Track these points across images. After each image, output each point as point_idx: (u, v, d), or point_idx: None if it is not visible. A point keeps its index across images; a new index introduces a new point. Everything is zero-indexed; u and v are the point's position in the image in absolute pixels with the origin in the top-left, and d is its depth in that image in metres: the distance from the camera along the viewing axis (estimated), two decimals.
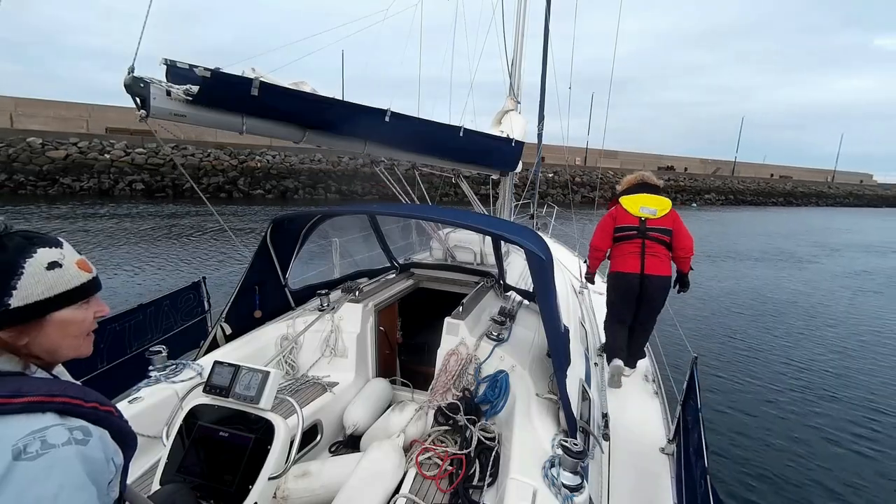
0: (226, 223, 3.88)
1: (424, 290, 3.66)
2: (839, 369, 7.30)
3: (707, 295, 10.36)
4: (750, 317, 9.08)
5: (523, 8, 5.28)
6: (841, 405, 6.17)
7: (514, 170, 4.97)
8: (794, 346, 8.01)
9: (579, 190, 32.40)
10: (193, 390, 1.71)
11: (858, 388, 6.79)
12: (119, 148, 23.10)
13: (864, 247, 20.51)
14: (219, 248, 12.40)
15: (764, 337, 8.10)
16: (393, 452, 1.93)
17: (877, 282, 13.01)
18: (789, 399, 6.24)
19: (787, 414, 5.82)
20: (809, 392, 6.49)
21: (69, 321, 0.86)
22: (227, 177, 24.33)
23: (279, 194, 25.24)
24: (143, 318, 3.04)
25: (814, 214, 41.24)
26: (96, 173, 21.90)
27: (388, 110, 2.90)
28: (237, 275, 2.77)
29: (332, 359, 2.72)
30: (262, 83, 2.22)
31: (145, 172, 22.81)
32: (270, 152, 26.63)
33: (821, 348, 8.02)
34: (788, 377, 6.91)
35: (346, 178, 26.83)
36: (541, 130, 6.70)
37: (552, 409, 1.93)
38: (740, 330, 8.44)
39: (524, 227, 2.63)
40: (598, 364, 3.25)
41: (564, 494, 1.44)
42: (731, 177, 53.00)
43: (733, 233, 23.33)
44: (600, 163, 22.57)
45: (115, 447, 0.84)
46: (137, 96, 1.91)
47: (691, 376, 2.29)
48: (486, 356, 2.40)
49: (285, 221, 2.75)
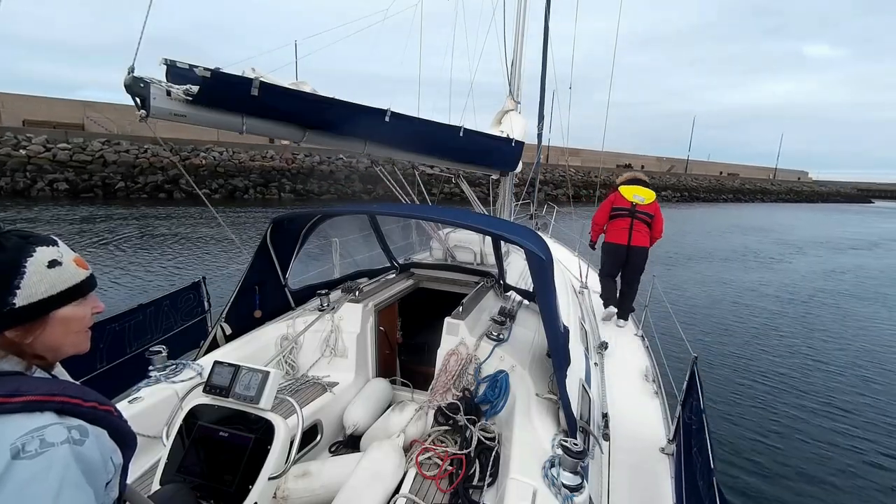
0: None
1: (424, 290, 3.66)
2: (835, 368, 7.30)
3: (694, 303, 10.35)
4: (738, 322, 9.10)
5: (523, 8, 5.28)
6: (841, 405, 6.17)
7: (515, 170, 4.97)
8: (788, 354, 8.03)
9: (542, 188, 32.08)
10: (193, 390, 1.71)
11: (856, 387, 6.79)
12: (38, 143, 20.71)
13: (822, 243, 21.80)
14: (168, 256, 11.27)
15: (756, 346, 8.13)
16: (393, 452, 1.93)
17: (849, 282, 13.44)
18: (787, 399, 6.25)
19: (787, 413, 5.82)
20: (807, 393, 6.50)
21: (71, 318, 0.87)
22: (167, 175, 22.17)
23: (227, 194, 23.50)
24: (143, 318, 3.04)
25: (760, 211, 42.66)
26: (9, 171, 19.54)
27: (388, 110, 2.90)
28: (237, 275, 2.77)
29: (332, 359, 2.72)
30: (262, 83, 2.22)
31: (69, 170, 20.41)
32: (217, 149, 24.79)
33: (816, 349, 8.03)
34: (784, 377, 6.92)
35: (302, 177, 25.64)
36: (541, 130, 6.71)
37: (552, 409, 1.93)
38: (732, 335, 8.47)
39: (524, 227, 2.63)
40: (598, 364, 3.25)
41: (564, 494, 1.44)
42: (685, 174, 55.35)
43: (696, 230, 24.07)
44: (567, 160, 22.73)
45: (114, 446, 0.84)
46: (137, 96, 1.91)
47: (691, 376, 2.29)
48: (486, 356, 2.40)
49: (285, 221, 2.75)
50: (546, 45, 6.71)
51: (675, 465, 2.25)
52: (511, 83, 5.36)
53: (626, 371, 3.37)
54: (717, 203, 49.18)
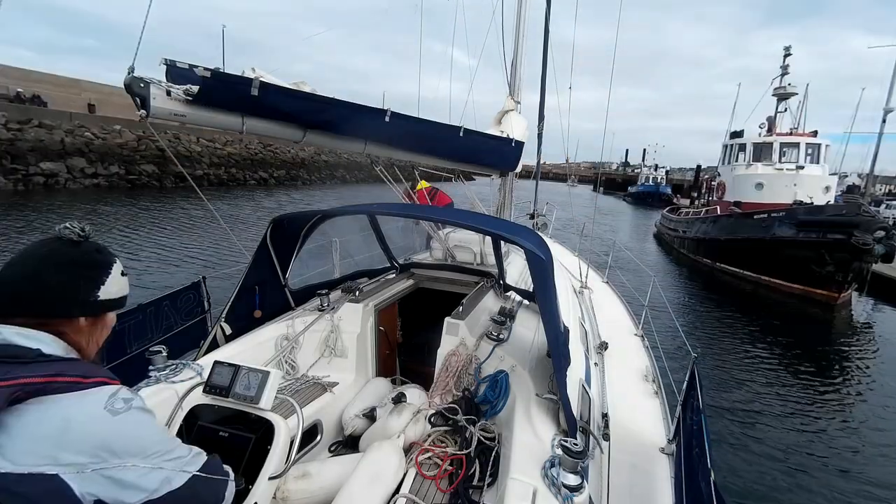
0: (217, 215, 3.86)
1: (424, 290, 3.66)
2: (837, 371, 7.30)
3: None
4: None
5: (523, 8, 5.27)
6: (840, 405, 6.17)
7: (515, 170, 4.97)
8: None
9: None
10: (193, 390, 1.71)
11: (857, 390, 6.79)
12: None
13: None
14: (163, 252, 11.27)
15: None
16: (393, 453, 1.93)
17: None
18: (787, 400, 6.25)
19: (786, 415, 5.82)
20: (806, 393, 6.50)
21: (111, 323, 1.06)
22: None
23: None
24: (144, 318, 3.04)
25: None
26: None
27: (388, 110, 2.90)
28: (237, 275, 2.77)
29: (331, 359, 2.71)
30: (262, 83, 2.22)
31: None
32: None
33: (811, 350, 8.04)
34: (784, 378, 6.92)
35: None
36: (541, 130, 6.70)
37: (552, 409, 1.93)
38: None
39: (524, 227, 2.63)
40: (598, 364, 3.25)
41: (564, 494, 1.43)
42: None
43: None
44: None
45: None
46: (137, 96, 1.91)
47: (691, 376, 2.29)
48: (486, 356, 2.39)
49: (285, 221, 2.75)
50: (546, 45, 6.70)
51: (675, 465, 2.25)
52: (511, 83, 5.35)
53: (626, 371, 3.36)
54: None
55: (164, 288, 3.05)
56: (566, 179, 34.58)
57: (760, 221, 13.10)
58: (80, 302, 0.95)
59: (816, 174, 15.97)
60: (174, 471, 0.92)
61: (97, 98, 26.58)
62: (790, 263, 12.11)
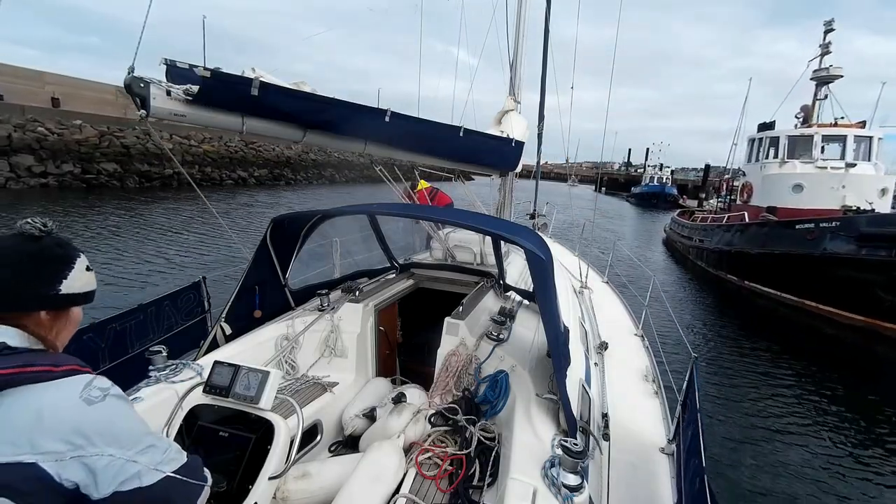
0: None
1: (424, 290, 3.66)
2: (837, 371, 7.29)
3: None
4: None
5: (523, 8, 5.28)
6: (840, 405, 6.16)
7: (515, 170, 4.97)
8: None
9: None
10: (193, 390, 1.71)
11: (857, 390, 6.78)
12: None
13: None
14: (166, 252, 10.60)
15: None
16: (393, 453, 1.93)
17: None
18: (787, 401, 6.24)
19: (786, 415, 5.81)
20: (807, 393, 6.49)
21: (77, 318, 1.06)
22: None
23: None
24: (144, 318, 3.04)
25: None
26: None
27: (388, 110, 2.90)
28: (237, 275, 2.77)
29: (331, 359, 2.71)
30: (262, 83, 2.22)
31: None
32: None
33: None
34: (784, 379, 6.91)
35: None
36: (541, 130, 6.70)
37: (552, 409, 1.93)
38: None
39: (524, 227, 2.63)
40: (598, 364, 3.25)
41: (564, 494, 1.43)
42: None
43: None
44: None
45: None
46: (137, 96, 1.91)
47: (691, 376, 2.29)
48: (486, 356, 2.39)
49: (285, 221, 2.75)
50: (546, 45, 6.71)
51: (675, 465, 2.25)
52: (511, 83, 5.36)
53: (626, 371, 3.36)
54: None
55: (129, 303, 2.99)
56: (567, 179, 34.47)
57: (805, 233, 10.17)
58: (39, 296, 0.95)
59: (869, 173, 12.63)
60: (146, 467, 0.91)
61: (63, 92, 23.49)
62: (848, 287, 9.44)
